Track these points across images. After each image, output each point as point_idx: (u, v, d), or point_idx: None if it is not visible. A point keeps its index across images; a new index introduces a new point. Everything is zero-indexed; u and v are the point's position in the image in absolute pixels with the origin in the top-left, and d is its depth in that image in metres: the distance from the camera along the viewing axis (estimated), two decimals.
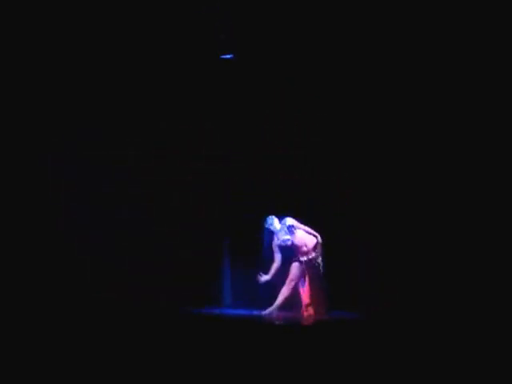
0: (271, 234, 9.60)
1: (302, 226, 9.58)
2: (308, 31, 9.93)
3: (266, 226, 9.61)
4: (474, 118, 9.63)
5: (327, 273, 9.50)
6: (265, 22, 9.92)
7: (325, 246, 9.57)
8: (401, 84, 9.93)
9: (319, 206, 10.11)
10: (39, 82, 10.06)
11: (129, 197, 10.30)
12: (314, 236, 9.58)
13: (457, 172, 9.71)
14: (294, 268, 9.50)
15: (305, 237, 9.54)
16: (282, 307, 9.47)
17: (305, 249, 9.50)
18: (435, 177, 9.82)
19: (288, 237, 9.52)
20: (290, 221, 9.57)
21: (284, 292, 9.48)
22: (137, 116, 10.35)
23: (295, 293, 9.52)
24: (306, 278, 9.51)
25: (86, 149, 10.25)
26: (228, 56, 10.18)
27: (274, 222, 9.61)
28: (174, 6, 9.89)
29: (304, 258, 9.49)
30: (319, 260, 9.50)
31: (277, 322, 9.08)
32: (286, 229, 9.54)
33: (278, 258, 9.53)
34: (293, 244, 9.51)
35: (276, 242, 9.57)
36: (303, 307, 9.50)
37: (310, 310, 9.46)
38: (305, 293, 9.52)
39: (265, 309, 9.47)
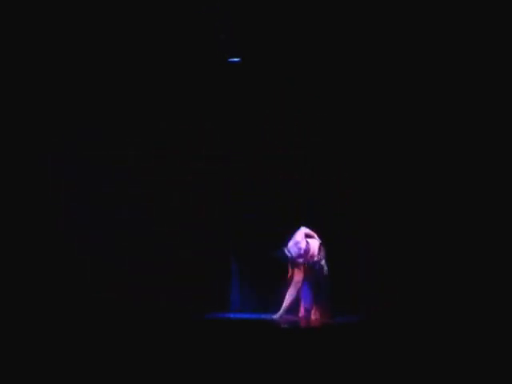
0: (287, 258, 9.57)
1: (305, 231, 9.54)
2: (308, 31, 9.93)
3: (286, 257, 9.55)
4: (474, 118, 9.62)
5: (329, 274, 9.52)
6: (264, 21, 9.91)
7: (325, 247, 9.57)
8: (401, 84, 9.92)
9: (319, 206, 10.10)
10: (39, 82, 10.06)
11: (129, 197, 10.29)
12: (310, 236, 9.57)
13: (457, 172, 9.71)
14: (298, 271, 9.49)
15: (312, 245, 9.52)
16: (288, 310, 9.46)
17: (311, 257, 9.50)
18: (435, 177, 9.82)
19: (302, 259, 9.48)
20: (303, 243, 9.49)
21: (290, 295, 9.45)
22: (137, 116, 10.34)
23: (298, 296, 9.51)
24: (310, 281, 9.49)
25: (85, 149, 10.24)
26: (235, 60, 10.18)
27: (291, 251, 9.53)
28: (174, 6, 9.88)
29: (308, 261, 9.47)
30: (322, 262, 9.48)
31: (285, 326, 9.04)
32: (301, 253, 9.48)
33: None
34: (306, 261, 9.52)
35: (295, 263, 9.51)
36: (309, 310, 9.48)
37: (316, 314, 9.43)
38: (309, 296, 9.50)
39: (273, 313, 9.46)
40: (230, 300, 10.27)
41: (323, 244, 9.52)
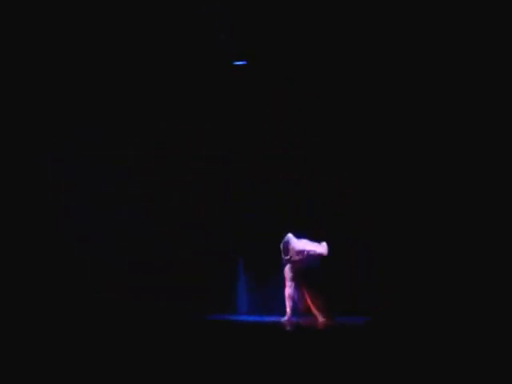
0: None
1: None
2: (308, 31, 9.93)
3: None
4: (474, 118, 9.62)
5: (327, 274, 9.51)
6: (264, 21, 9.92)
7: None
8: (400, 84, 9.93)
9: (319, 206, 10.11)
10: (39, 82, 10.07)
11: (129, 197, 10.30)
12: None
13: (457, 172, 9.71)
14: (287, 270, 9.49)
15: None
16: (294, 311, 9.44)
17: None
18: (435, 176, 9.82)
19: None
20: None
21: (289, 297, 9.44)
22: (137, 116, 10.35)
23: (300, 296, 9.50)
24: (302, 281, 9.48)
25: (86, 149, 10.26)
26: (241, 62, 10.18)
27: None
28: (174, 6, 9.89)
29: (296, 259, 9.48)
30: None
31: (291, 328, 9.01)
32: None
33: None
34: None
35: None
36: (311, 311, 9.48)
37: (321, 315, 9.40)
38: (306, 296, 9.50)
39: (281, 315, 9.45)
40: (236, 302, 10.25)
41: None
